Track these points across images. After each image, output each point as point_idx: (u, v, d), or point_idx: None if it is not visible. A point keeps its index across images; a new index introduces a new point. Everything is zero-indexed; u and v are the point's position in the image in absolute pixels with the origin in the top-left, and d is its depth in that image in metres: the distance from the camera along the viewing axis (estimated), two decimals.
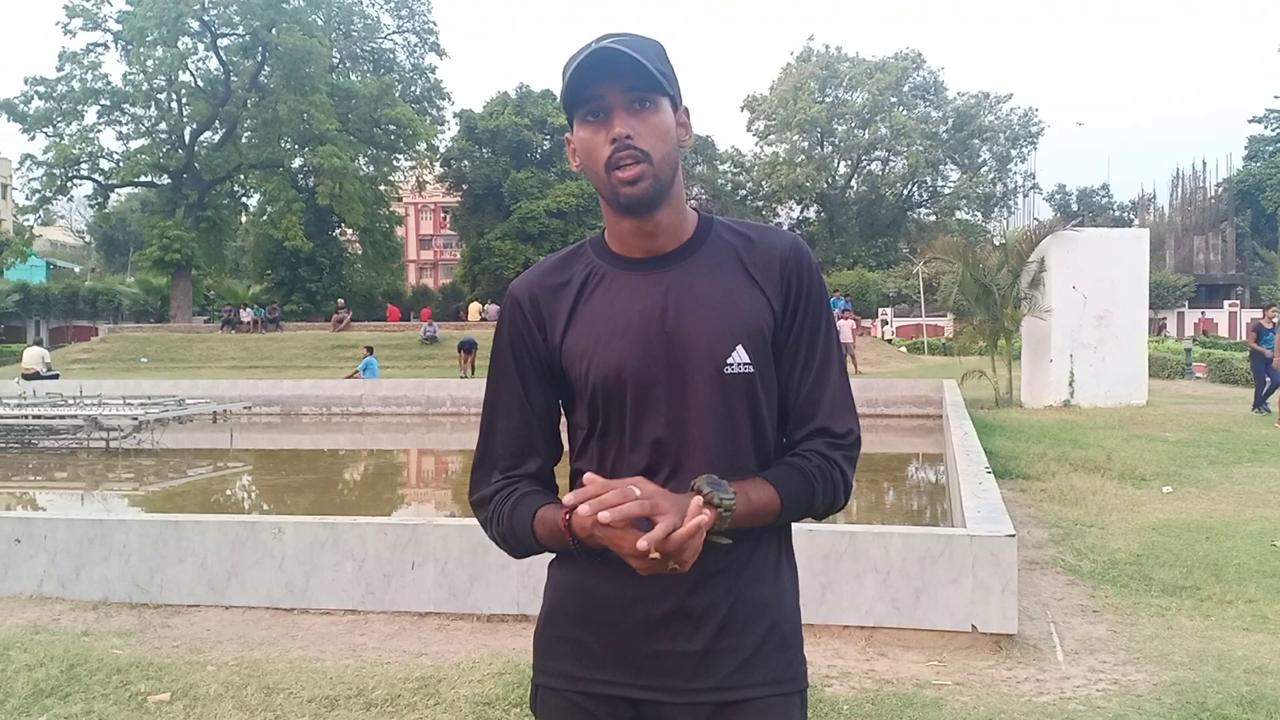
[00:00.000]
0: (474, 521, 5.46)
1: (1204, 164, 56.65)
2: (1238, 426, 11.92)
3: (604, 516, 1.18)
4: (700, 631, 1.37)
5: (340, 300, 38.93)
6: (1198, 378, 21.17)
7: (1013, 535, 4.34)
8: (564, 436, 1.52)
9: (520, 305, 1.47)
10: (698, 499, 1.24)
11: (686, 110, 1.45)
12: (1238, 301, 45.22)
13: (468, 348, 25.28)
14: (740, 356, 1.38)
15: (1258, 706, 3.54)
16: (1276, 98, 54.30)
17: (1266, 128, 55.18)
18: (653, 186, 1.37)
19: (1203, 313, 43.29)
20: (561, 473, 1.53)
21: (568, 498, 1.26)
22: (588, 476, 1.27)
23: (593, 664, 1.40)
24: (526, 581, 4.71)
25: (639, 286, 1.41)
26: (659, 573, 1.25)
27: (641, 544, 1.19)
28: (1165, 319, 41.33)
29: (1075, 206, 61.13)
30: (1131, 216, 58.99)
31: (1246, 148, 55.21)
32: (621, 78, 1.34)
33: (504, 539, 1.45)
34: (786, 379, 1.43)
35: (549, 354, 1.45)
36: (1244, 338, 34.56)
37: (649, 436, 1.38)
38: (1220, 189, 52.45)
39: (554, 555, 1.49)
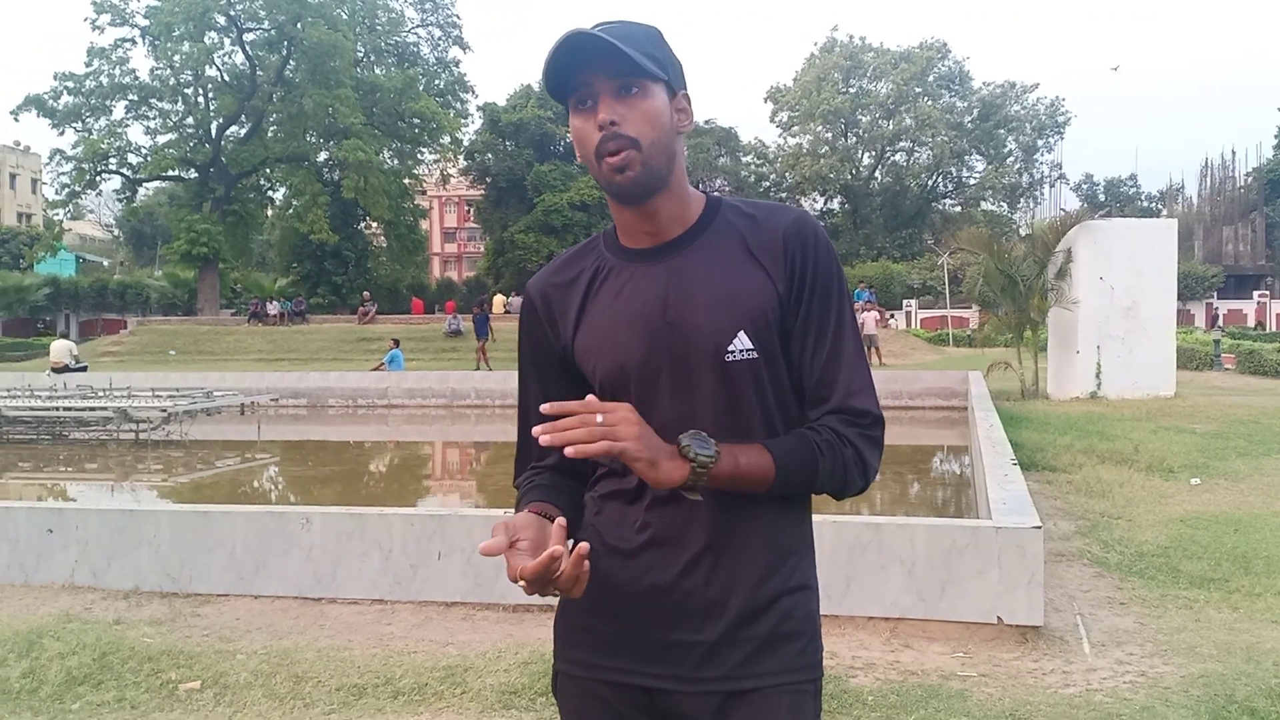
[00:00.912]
0: (500, 512, 5.48)
1: (1233, 153, 56.08)
2: (1267, 418, 11.77)
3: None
4: (712, 621, 1.36)
5: (366, 293, 39.17)
6: (1226, 369, 20.92)
7: (1039, 527, 4.32)
8: None
9: (534, 305, 1.50)
10: (669, 450, 1.28)
11: (687, 96, 1.42)
12: (1267, 292, 44.59)
13: (479, 333, 25.48)
14: (743, 343, 1.35)
15: None
16: None
17: None
18: (642, 174, 1.35)
19: (1208, 305, 42.68)
20: None
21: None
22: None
23: (608, 651, 1.40)
24: None
25: (642, 277, 1.40)
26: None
27: (511, 575, 1.27)
28: (1218, 308, 40.45)
29: (1102, 197, 60.50)
30: (1160, 207, 58.29)
31: (1277, 136, 54.37)
32: (605, 64, 1.32)
33: None
34: (799, 361, 1.40)
35: (563, 351, 1.46)
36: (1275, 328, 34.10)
37: (656, 428, 1.34)
38: (1250, 178, 51.73)
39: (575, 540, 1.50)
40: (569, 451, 1.22)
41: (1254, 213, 49.22)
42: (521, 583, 1.25)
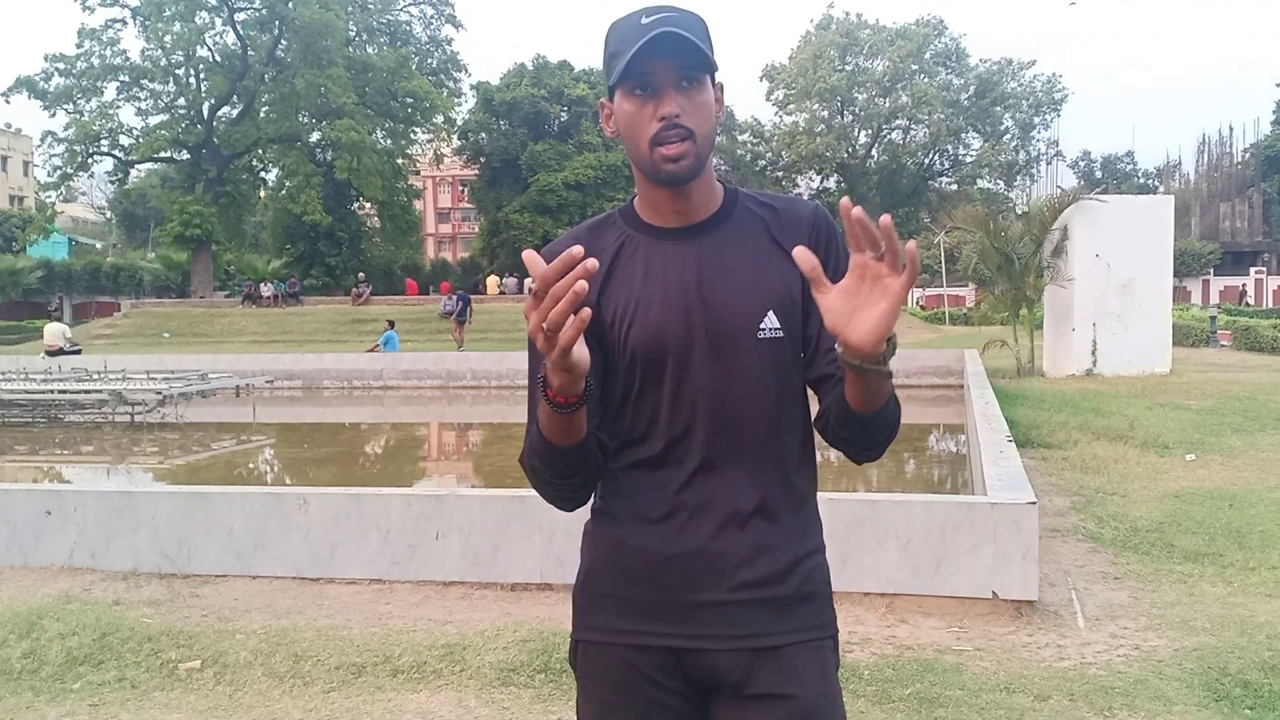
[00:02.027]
0: (497, 492, 5.49)
1: (1230, 129, 56.00)
2: (1262, 394, 11.81)
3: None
4: (741, 581, 1.42)
5: (361, 275, 39.05)
6: (1223, 345, 20.96)
7: (1034, 503, 4.34)
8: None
9: None
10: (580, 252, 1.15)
11: (721, 85, 1.47)
12: (1264, 268, 44.63)
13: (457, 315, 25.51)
14: (771, 322, 1.43)
15: (1279, 672, 3.54)
16: None
17: None
18: (694, 164, 1.41)
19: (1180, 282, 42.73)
20: None
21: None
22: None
23: (635, 617, 1.44)
24: (550, 551, 4.75)
25: (672, 254, 1.46)
26: (554, 357, 1.18)
27: (533, 284, 1.15)
28: (1243, 284, 40.09)
29: (1099, 174, 60.42)
30: (1156, 183, 58.23)
31: (1274, 112, 54.25)
32: (673, 56, 1.37)
33: (534, 470, 1.43)
34: (816, 332, 1.46)
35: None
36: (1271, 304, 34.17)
37: (687, 398, 1.43)
38: (1247, 154, 51.67)
39: (593, 517, 1.52)
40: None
41: (1251, 189, 49.22)
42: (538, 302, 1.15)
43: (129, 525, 5.17)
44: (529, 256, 1.19)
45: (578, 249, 1.14)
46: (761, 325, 1.43)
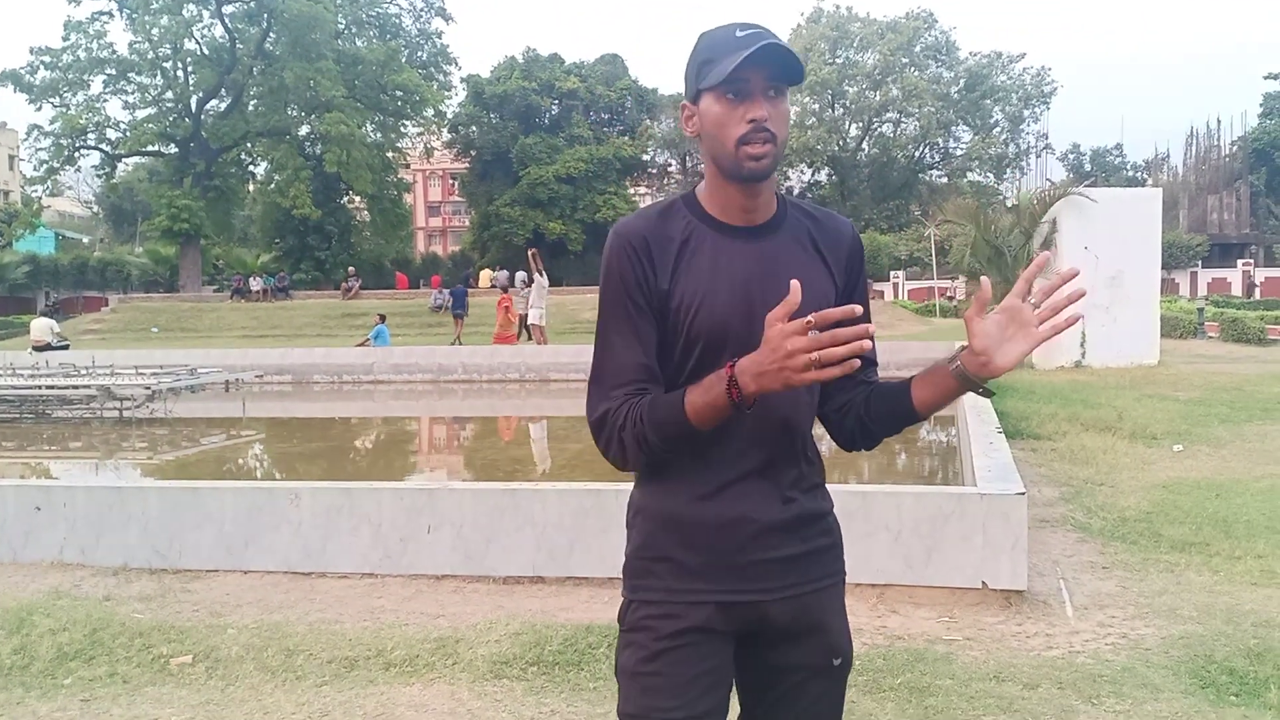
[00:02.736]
0: (489, 485, 5.49)
1: (1218, 122, 56.09)
2: (1249, 385, 11.88)
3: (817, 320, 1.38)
4: (788, 539, 1.63)
5: (351, 269, 38.90)
6: (1210, 337, 21.07)
7: (1022, 493, 4.37)
8: None
9: (634, 245, 1.61)
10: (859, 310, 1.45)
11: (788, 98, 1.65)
12: (1251, 261, 44.83)
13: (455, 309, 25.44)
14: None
15: (1265, 659, 3.57)
16: None
17: None
18: (771, 165, 1.57)
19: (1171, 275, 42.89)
20: None
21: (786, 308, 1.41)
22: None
23: (690, 578, 1.61)
24: (542, 544, 4.76)
25: (738, 252, 1.61)
26: (804, 379, 1.39)
27: (812, 317, 1.37)
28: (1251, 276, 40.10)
29: (1089, 166, 60.53)
30: (1145, 176, 58.38)
31: (1262, 105, 54.43)
32: (766, 66, 1.53)
33: (639, 438, 1.55)
34: None
35: (658, 294, 1.60)
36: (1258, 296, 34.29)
37: None
38: (1235, 147, 51.80)
39: (641, 490, 1.67)
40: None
41: (1239, 181, 49.35)
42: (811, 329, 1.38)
43: (119, 521, 5.16)
44: (795, 286, 1.39)
45: (856, 308, 1.41)
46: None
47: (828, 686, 1.70)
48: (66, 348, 20.37)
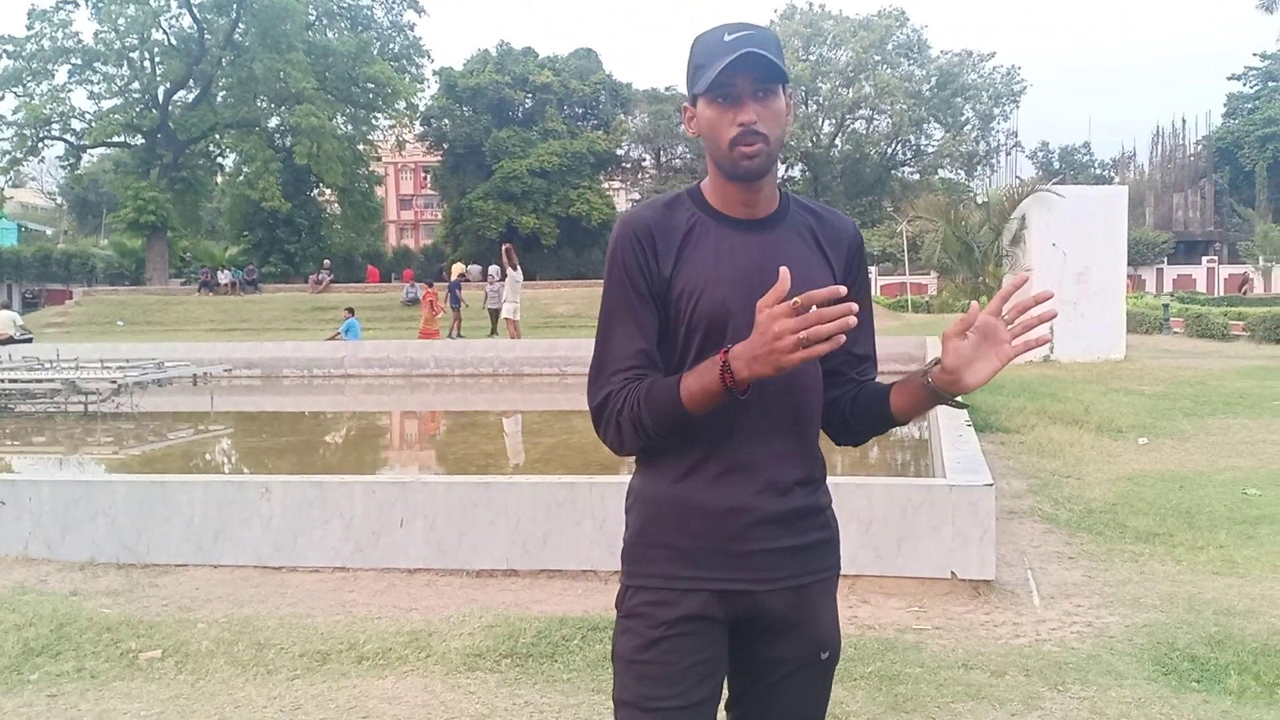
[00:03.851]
0: (462, 478, 5.48)
1: (1184, 122, 56.74)
2: (1213, 379, 12.09)
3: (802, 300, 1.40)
4: (784, 531, 1.65)
5: (326, 261, 38.56)
6: (1175, 333, 21.39)
7: (991, 485, 4.42)
8: None
9: (638, 234, 1.65)
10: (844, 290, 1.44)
11: (790, 91, 1.67)
12: (1215, 258, 45.54)
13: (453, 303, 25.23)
14: None
15: (1225, 646, 3.65)
16: (1255, 55, 54.32)
17: (1245, 85, 55.26)
18: (765, 162, 1.61)
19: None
20: None
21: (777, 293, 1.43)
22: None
23: (687, 564, 1.63)
24: (515, 537, 4.76)
25: (739, 243, 1.65)
26: (794, 359, 1.40)
27: (798, 299, 1.39)
28: (1245, 273, 40.32)
29: (1057, 164, 61.22)
30: (1112, 174, 59.13)
31: (1225, 105, 55.34)
32: (752, 70, 1.57)
33: (636, 421, 1.58)
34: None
35: (660, 283, 1.64)
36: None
37: None
38: (1199, 146, 52.62)
39: (642, 477, 1.69)
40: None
41: (1203, 180, 50.12)
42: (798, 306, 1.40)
43: (86, 515, 5.10)
44: (785, 272, 1.40)
45: (841, 289, 1.40)
46: None
47: (815, 678, 1.73)
48: (30, 340, 20.06)
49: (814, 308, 1.39)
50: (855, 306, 1.39)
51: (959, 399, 1.60)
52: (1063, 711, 3.20)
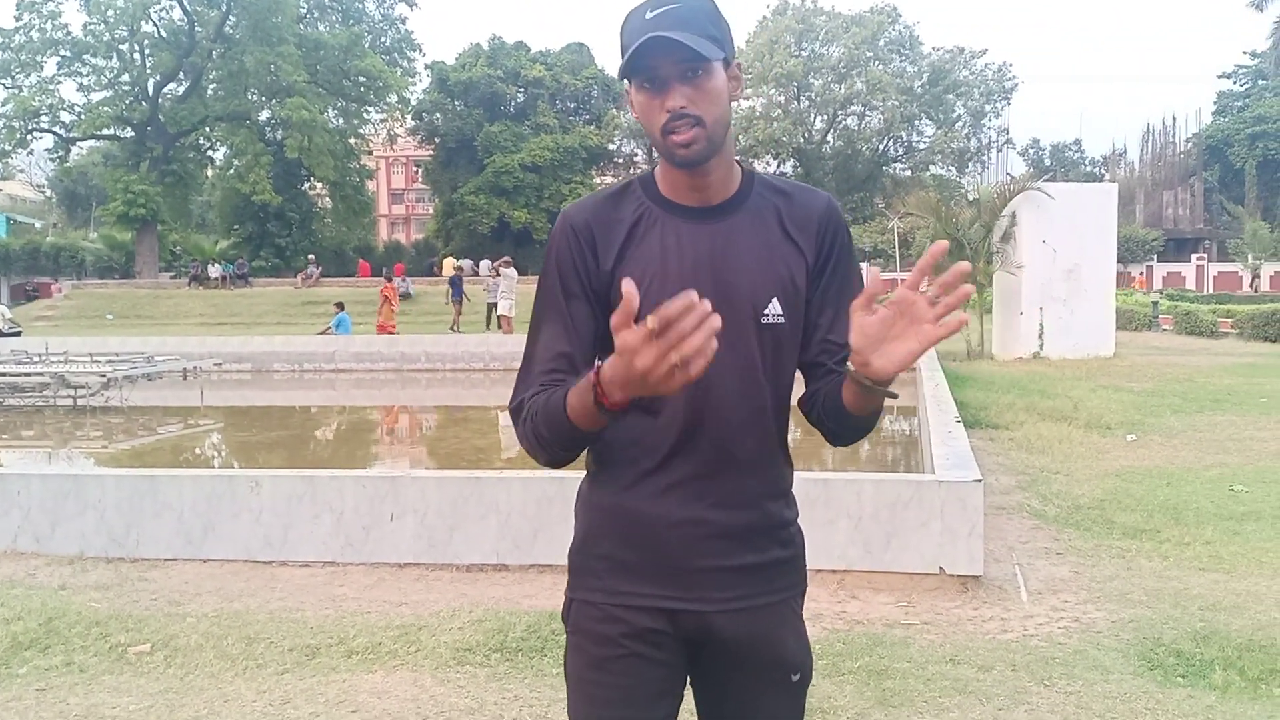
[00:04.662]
0: (452, 473, 5.48)
1: (1174, 119, 56.95)
2: (1201, 376, 12.16)
3: (657, 320, 1.17)
4: (735, 548, 1.52)
5: (311, 256, 38.42)
6: (1164, 330, 21.50)
7: (979, 481, 4.44)
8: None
9: (575, 230, 1.54)
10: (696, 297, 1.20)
11: (739, 64, 1.53)
12: (1205, 255, 45.75)
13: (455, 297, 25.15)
14: (775, 308, 1.51)
15: (1210, 641, 3.68)
16: (1246, 53, 54.53)
17: (1235, 83, 55.47)
18: (705, 147, 1.47)
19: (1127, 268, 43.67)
20: None
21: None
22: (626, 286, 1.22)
23: (632, 579, 1.53)
24: (505, 532, 4.77)
25: (689, 234, 1.52)
26: (673, 385, 1.21)
27: (650, 321, 1.17)
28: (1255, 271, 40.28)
29: (1048, 161, 61.35)
30: (1103, 171, 59.30)
31: (1216, 103, 55.54)
32: (674, 53, 1.42)
33: (535, 434, 1.46)
34: (815, 320, 1.56)
35: (599, 280, 1.53)
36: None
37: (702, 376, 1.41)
38: (1189, 144, 52.79)
39: (590, 482, 1.59)
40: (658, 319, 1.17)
41: (1193, 177, 50.30)
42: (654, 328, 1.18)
43: (75, 509, 5.09)
44: (630, 289, 1.19)
45: (692, 294, 1.17)
46: (765, 311, 1.50)
47: (784, 701, 1.60)
48: (19, 334, 19.96)
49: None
50: (708, 306, 1.17)
51: (886, 388, 1.37)
52: (1049, 706, 3.22)
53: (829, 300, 1.56)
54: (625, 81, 1.50)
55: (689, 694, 1.63)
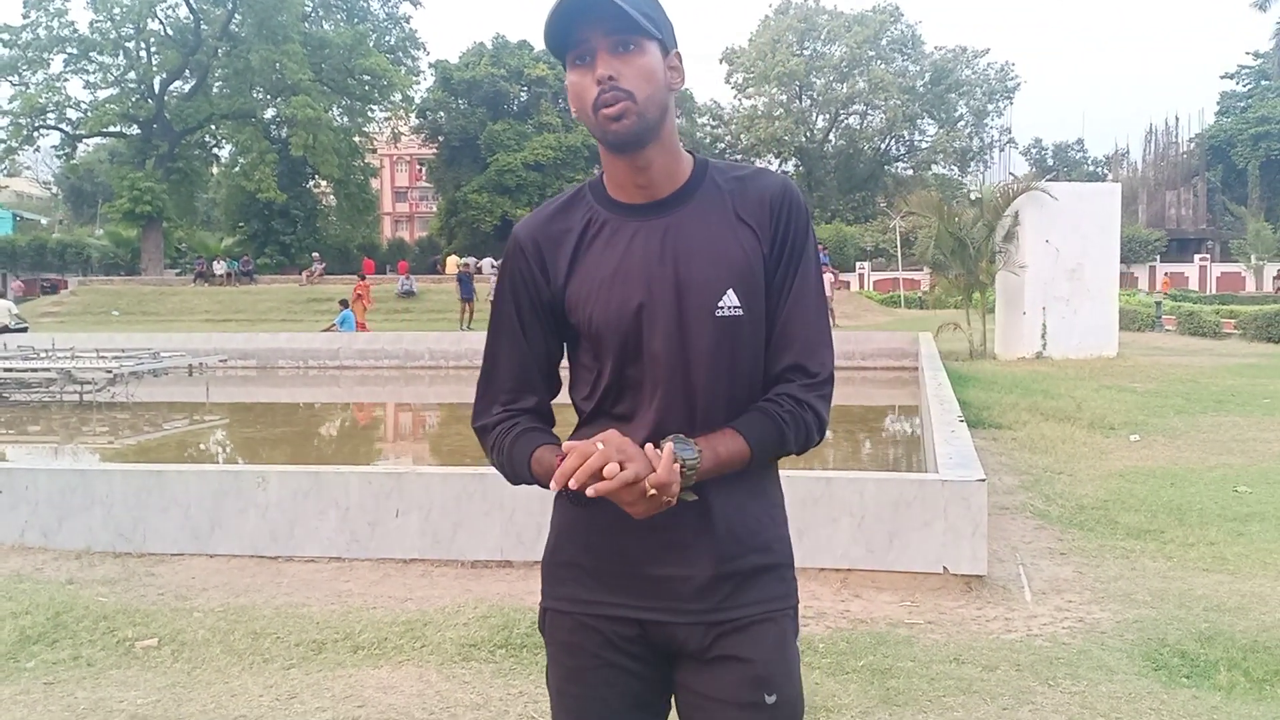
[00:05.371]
0: (457, 470, 5.49)
1: (1177, 119, 56.96)
2: (1204, 377, 12.15)
3: (591, 492, 1.28)
4: (703, 557, 1.46)
5: (316, 254, 38.44)
6: (1167, 330, 21.47)
7: (983, 480, 4.45)
8: (562, 373, 1.59)
9: (524, 249, 1.51)
10: (668, 445, 1.34)
11: (679, 55, 1.49)
12: (1208, 256, 45.67)
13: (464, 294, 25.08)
14: (731, 300, 1.45)
15: (1215, 642, 3.68)
16: (1249, 53, 54.41)
17: (1239, 83, 55.33)
18: (638, 124, 1.41)
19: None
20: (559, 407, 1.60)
21: (559, 469, 1.32)
22: (566, 446, 1.35)
23: (599, 588, 1.49)
24: (510, 528, 4.78)
25: (638, 232, 1.47)
26: (652, 511, 1.33)
27: (611, 469, 1.27)
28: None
29: (1051, 161, 61.31)
30: (1105, 171, 59.21)
31: (1219, 103, 55.40)
32: (602, 21, 1.38)
33: (502, 467, 1.53)
34: (771, 312, 1.49)
35: (551, 297, 1.50)
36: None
37: (649, 374, 1.45)
38: (1192, 144, 52.67)
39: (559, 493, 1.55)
40: (591, 491, 1.29)
41: (1196, 178, 50.19)
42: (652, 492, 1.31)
43: (82, 504, 5.11)
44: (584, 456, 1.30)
45: (610, 468, 1.28)
46: (720, 304, 1.44)
47: None
48: (26, 329, 19.99)
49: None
50: (614, 468, 1.27)
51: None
52: (1053, 706, 3.23)
53: (783, 287, 1.48)
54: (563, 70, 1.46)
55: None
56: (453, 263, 36.46)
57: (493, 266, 25.20)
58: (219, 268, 35.98)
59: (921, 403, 9.37)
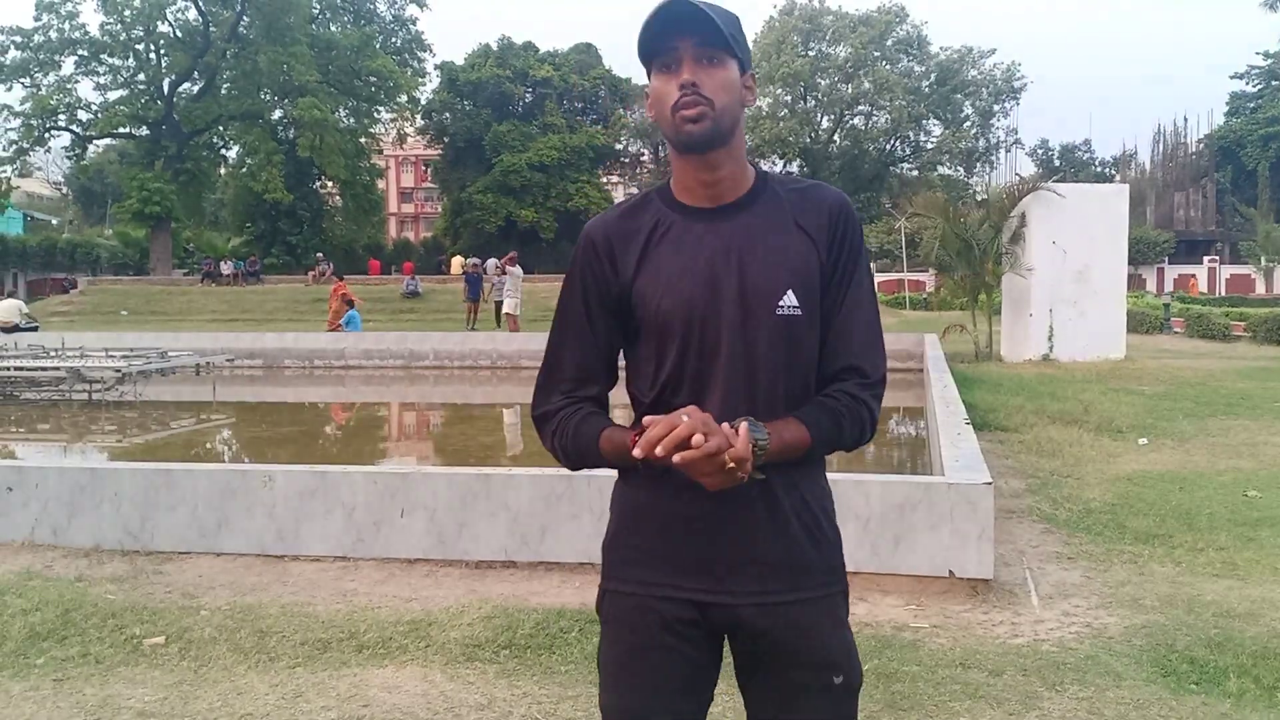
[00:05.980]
0: (462, 470, 5.49)
1: (1185, 120, 56.77)
2: (1213, 380, 12.10)
3: (677, 459, 1.38)
4: (765, 542, 1.55)
5: (320, 254, 38.55)
6: (1176, 332, 21.39)
7: (989, 483, 4.43)
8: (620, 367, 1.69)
9: (595, 244, 1.62)
10: (743, 424, 1.44)
11: (753, 76, 1.62)
12: (1217, 257, 45.49)
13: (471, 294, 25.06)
14: (790, 300, 1.55)
15: (1225, 648, 3.66)
16: (1259, 54, 54.20)
17: (1248, 84, 55.10)
18: (712, 128, 1.52)
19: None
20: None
21: (645, 436, 1.40)
22: (647, 419, 1.43)
23: (664, 571, 1.57)
24: (514, 529, 4.79)
25: (705, 234, 1.58)
26: (726, 485, 1.43)
27: (698, 439, 1.36)
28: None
29: (1057, 162, 61.10)
30: (1113, 172, 59.00)
31: (1228, 104, 55.18)
32: (694, 33, 1.51)
33: (565, 451, 1.62)
34: (827, 316, 1.60)
35: (620, 291, 1.60)
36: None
37: (710, 368, 1.55)
38: (1201, 145, 52.49)
39: (621, 478, 1.66)
40: (677, 459, 1.38)
41: (1205, 179, 50.02)
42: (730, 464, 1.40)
43: (91, 502, 5.12)
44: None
45: (696, 438, 1.37)
46: (780, 303, 1.54)
47: (825, 704, 1.57)
48: (36, 328, 20.08)
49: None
50: (699, 438, 1.36)
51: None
52: (1061, 712, 3.21)
53: (838, 292, 1.60)
54: (646, 77, 1.57)
55: (739, 698, 1.66)
56: (457, 263, 36.52)
57: (496, 267, 25.18)
58: (226, 268, 36.13)
59: (927, 405, 9.35)
